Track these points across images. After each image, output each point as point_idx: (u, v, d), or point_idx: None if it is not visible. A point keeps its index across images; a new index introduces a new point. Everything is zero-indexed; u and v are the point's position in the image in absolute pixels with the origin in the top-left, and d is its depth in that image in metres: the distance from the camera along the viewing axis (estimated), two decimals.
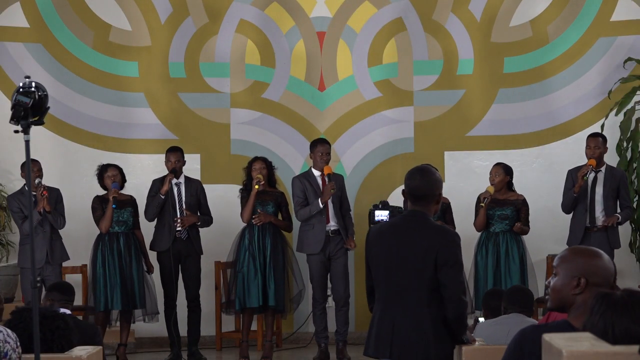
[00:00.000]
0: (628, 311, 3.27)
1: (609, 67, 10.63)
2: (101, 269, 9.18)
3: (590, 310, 3.37)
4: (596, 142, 9.25)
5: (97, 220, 9.26)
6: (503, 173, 9.31)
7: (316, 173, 9.51)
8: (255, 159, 9.51)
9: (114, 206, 9.13)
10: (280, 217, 9.54)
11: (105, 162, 9.52)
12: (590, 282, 3.76)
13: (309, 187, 9.44)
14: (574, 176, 9.24)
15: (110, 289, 9.14)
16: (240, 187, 9.55)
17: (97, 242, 9.29)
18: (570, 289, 3.78)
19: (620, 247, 9.38)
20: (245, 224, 9.42)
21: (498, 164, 9.44)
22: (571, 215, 9.36)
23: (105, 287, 9.15)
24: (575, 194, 9.18)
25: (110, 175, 9.27)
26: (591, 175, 9.20)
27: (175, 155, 9.53)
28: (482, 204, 9.18)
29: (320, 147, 9.46)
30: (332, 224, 9.45)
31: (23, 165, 9.19)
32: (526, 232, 9.33)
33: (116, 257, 9.19)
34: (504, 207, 9.27)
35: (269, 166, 9.47)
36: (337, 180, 9.54)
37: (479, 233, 9.36)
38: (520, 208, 9.30)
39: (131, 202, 9.42)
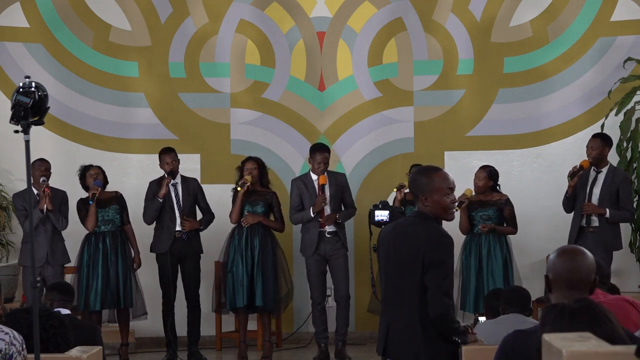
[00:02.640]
0: (575, 317, 3.23)
1: (609, 67, 10.62)
2: (85, 269, 9.17)
3: (542, 322, 3.34)
4: (593, 142, 9.21)
5: (83, 220, 9.26)
6: (486, 178, 9.28)
7: (314, 177, 9.48)
8: (248, 159, 9.48)
9: (90, 202, 9.10)
10: (272, 217, 9.52)
11: (87, 164, 9.46)
12: (550, 278, 3.80)
13: (305, 191, 9.42)
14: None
15: (92, 289, 9.11)
16: (233, 186, 9.53)
17: (84, 242, 9.30)
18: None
19: (621, 248, 9.32)
20: (234, 225, 9.44)
21: (484, 168, 9.40)
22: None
23: (88, 288, 9.13)
24: (568, 195, 9.16)
25: (93, 174, 9.24)
26: (591, 176, 9.18)
27: (170, 157, 9.46)
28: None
29: (318, 156, 9.38)
30: (329, 227, 9.44)
31: (34, 164, 9.20)
32: (512, 233, 9.27)
33: (100, 257, 9.17)
34: (485, 207, 9.23)
35: (260, 166, 9.43)
36: (338, 178, 9.55)
37: (465, 235, 9.34)
38: (503, 208, 9.25)
39: (116, 198, 9.38)
